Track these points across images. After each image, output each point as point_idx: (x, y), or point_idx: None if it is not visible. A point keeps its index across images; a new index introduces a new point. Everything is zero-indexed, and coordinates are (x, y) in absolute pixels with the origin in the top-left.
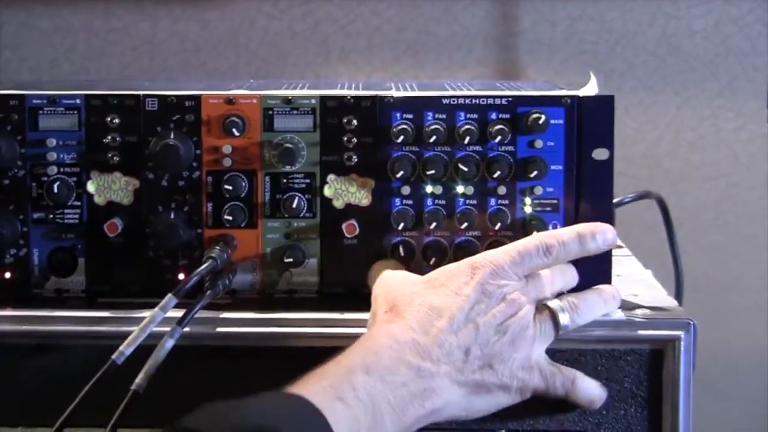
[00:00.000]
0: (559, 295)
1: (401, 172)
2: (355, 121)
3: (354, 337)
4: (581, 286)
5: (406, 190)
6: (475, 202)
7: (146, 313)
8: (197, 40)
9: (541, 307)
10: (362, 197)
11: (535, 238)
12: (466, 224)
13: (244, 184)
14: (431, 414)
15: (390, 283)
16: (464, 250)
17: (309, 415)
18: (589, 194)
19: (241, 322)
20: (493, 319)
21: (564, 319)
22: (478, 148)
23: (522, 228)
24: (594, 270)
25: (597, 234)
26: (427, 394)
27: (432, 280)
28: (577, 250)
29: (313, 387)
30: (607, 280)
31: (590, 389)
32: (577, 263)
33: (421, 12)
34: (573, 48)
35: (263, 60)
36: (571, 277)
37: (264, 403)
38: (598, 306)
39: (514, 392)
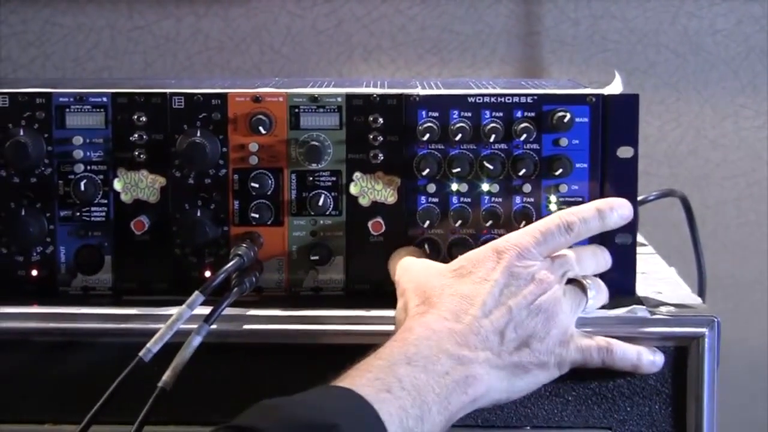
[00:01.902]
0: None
1: (427, 170)
2: (381, 119)
3: (380, 334)
4: (609, 284)
5: (431, 188)
6: (500, 200)
7: (173, 311)
8: (221, 39)
9: (569, 282)
10: (388, 195)
11: (556, 217)
12: (491, 222)
13: (270, 181)
14: (474, 401)
15: (415, 273)
16: None
17: (361, 409)
18: (614, 192)
19: (267, 320)
20: (524, 300)
21: (591, 292)
22: (503, 146)
23: None
24: (618, 268)
25: (615, 208)
26: (470, 382)
27: (459, 268)
28: (598, 225)
29: (360, 380)
30: (632, 277)
31: (628, 354)
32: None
33: (444, 10)
34: (595, 46)
35: (286, 58)
36: (603, 259)
37: (316, 398)
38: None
39: (552, 368)
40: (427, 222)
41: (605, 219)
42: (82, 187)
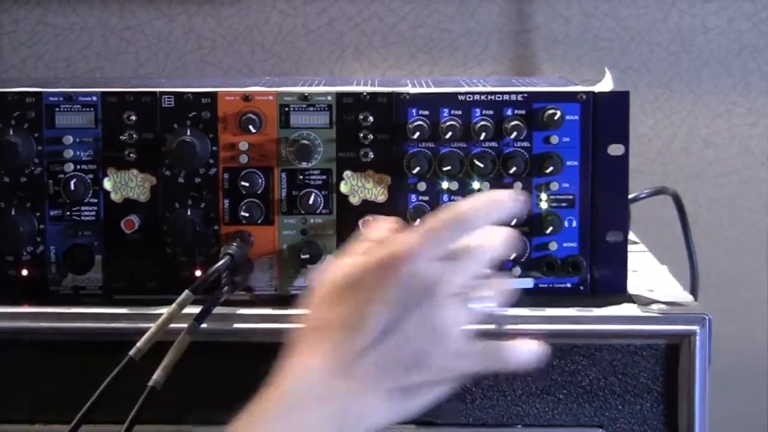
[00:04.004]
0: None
1: (417, 169)
2: (371, 118)
3: None
4: (600, 283)
5: (422, 186)
6: None
7: (163, 310)
8: (213, 38)
9: (461, 294)
10: (378, 193)
11: (445, 214)
12: None
13: (260, 180)
14: None
15: (316, 296)
16: None
17: None
18: (605, 190)
19: (258, 319)
20: (415, 318)
21: (483, 305)
22: (493, 144)
23: (538, 223)
24: (610, 265)
25: (506, 200)
26: (358, 418)
27: (346, 285)
28: (489, 217)
29: None
30: (623, 275)
31: (522, 353)
32: (592, 259)
33: (435, 9)
34: (587, 44)
35: (278, 57)
36: (496, 251)
37: None
38: (503, 291)
39: (445, 383)
40: (418, 220)
41: (496, 211)
42: (72, 187)
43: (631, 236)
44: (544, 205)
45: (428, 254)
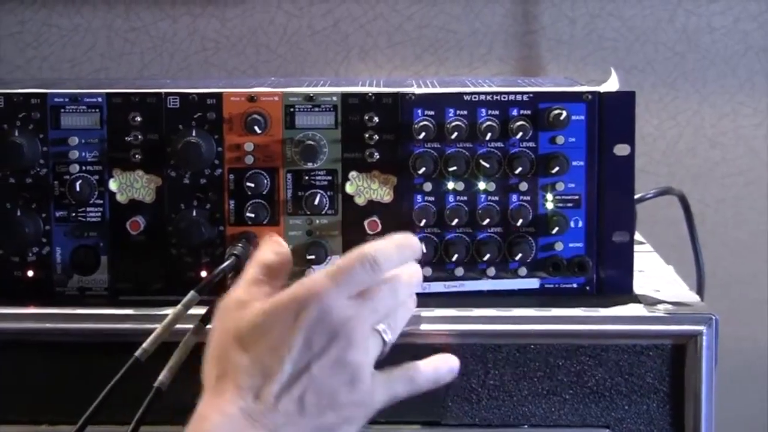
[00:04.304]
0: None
1: (423, 169)
2: (376, 118)
3: None
4: (606, 283)
5: (427, 186)
6: (496, 198)
7: (169, 311)
8: (217, 39)
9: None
10: (384, 194)
11: (357, 254)
12: (488, 220)
13: (266, 181)
14: None
15: (217, 335)
16: (486, 246)
17: None
18: (611, 190)
19: None
20: (327, 359)
21: (387, 336)
22: (499, 144)
23: (544, 224)
24: (616, 266)
25: (416, 243)
26: None
27: (258, 327)
28: (400, 258)
29: None
30: (629, 275)
31: (429, 374)
32: (598, 259)
33: (441, 9)
34: (593, 45)
35: (283, 58)
36: (408, 288)
37: None
38: (406, 316)
39: (361, 418)
40: (424, 221)
41: (406, 253)
42: (78, 188)
43: (637, 236)
44: (549, 206)
45: (336, 296)
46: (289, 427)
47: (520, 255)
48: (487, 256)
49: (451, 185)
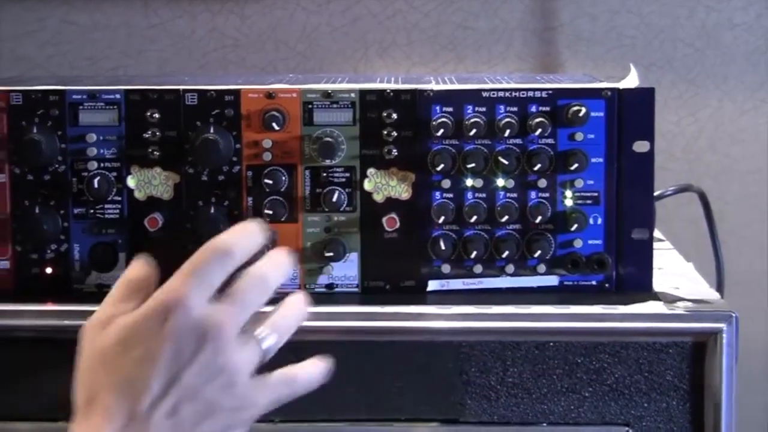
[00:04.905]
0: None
1: (441, 166)
2: (394, 115)
3: (395, 331)
4: (625, 280)
5: (446, 183)
6: (515, 195)
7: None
8: (236, 36)
9: (246, 331)
10: (402, 191)
11: (207, 249)
12: (506, 217)
13: (284, 178)
14: None
15: (82, 363)
16: (505, 243)
17: None
18: (630, 187)
19: None
20: (198, 366)
21: (268, 342)
22: (518, 141)
23: (563, 221)
24: (635, 263)
25: (257, 227)
26: None
27: (119, 345)
28: (253, 243)
29: None
30: (649, 272)
31: (309, 377)
32: (618, 256)
33: (459, 6)
34: (612, 42)
35: (302, 55)
36: (276, 277)
37: None
38: (294, 320)
39: (244, 423)
40: (442, 218)
41: (256, 235)
42: (96, 185)
43: (657, 234)
44: (568, 203)
45: (198, 297)
46: None
47: (539, 252)
48: (506, 253)
49: (469, 182)
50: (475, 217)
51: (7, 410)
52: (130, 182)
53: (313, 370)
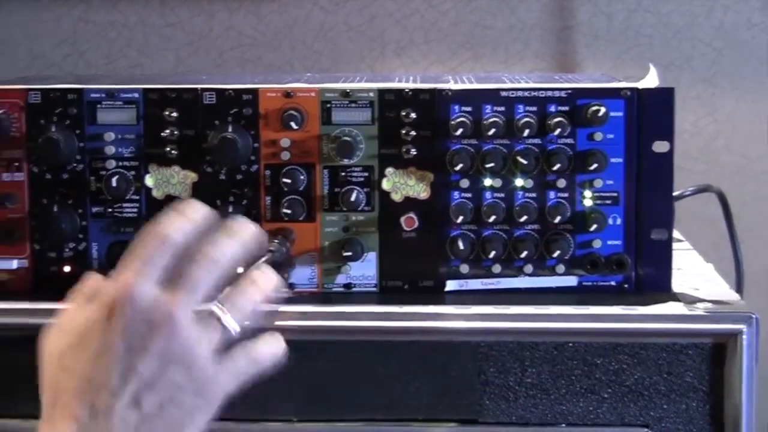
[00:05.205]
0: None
1: (460, 165)
2: (413, 114)
3: (413, 331)
4: (645, 281)
5: (464, 183)
6: (534, 195)
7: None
8: (253, 35)
9: (202, 312)
10: (421, 190)
11: (148, 237)
12: (525, 217)
13: (302, 177)
14: None
15: (46, 363)
16: (523, 243)
17: None
18: (650, 187)
19: (299, 316)
20: (152, 357)
21: (228, 319)
22: (537, 140)
23: (582, 221)
24: (654, 264)
25: (195, 204)
26: None
27: (74, 346)
28: (189, 227)
29: None
30: (668, 273)
31: (271, 349)
32: (637, 257)
33: (477, 5)
34: (629, 41)
35: (319, 54)
36: (223, 253)
37: None
38: (256, 294)
39: (209, 406)
40: (461, 217)
41: (196, 214)
42: (114, 183)
43: (676, 234)
44: (587, 203)
45: (143, 286)
46: None
47: (557, 252)
48: (525, 253)
49: (488, 182)
50: (493, 217)
51: (28, 409)
52: (149, 181)
53: (274, 344)
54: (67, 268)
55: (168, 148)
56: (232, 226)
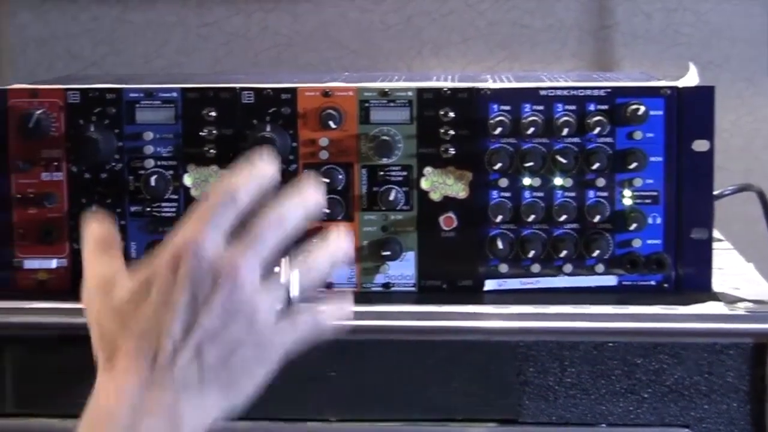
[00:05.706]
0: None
1: (499, 164)
2: (452, 113)
3: (452, 331)
4: (685, 280)
5: (503, 182)
6: (573, 194)
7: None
8: (289, 34)
9: (267, 269)
10: (459, 189)
11: (215, 193)
12: (564, 216)
13: (340, 176)
14: None
15: (95, 315)
16: (562, 243)
17: None
18: (690, 186)
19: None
20: (217, 308)
21: (292, 282)
22: (576, 139)
23: (622, 220)
24: (695, 263)
25: (263, 163)
26: (188, 421)
27: (138, 291)
28: (256, 186)
29: None
30: (708, 272)
31: (332, 316)
32: (677, 256)
33: (514, 4)
34: (668, 40)
35: (355, 53)
36: (290, 214)
37: None
38: (327, 258)
39: (269, 362)
40: (500, 217)
41: (263, 173)
42: (153, 183)
43: (716, 234)
44: (627, 202)
45: (208, 241)
46: (195, 383)
47: (597, 252)
48: (564, 252)
49: (527, 181)
50: (532, 216)
51: (70, 408)
52: (187, 180)
53: (338, 309)
54: None
55: (206, 148)
56: (300, 188)
